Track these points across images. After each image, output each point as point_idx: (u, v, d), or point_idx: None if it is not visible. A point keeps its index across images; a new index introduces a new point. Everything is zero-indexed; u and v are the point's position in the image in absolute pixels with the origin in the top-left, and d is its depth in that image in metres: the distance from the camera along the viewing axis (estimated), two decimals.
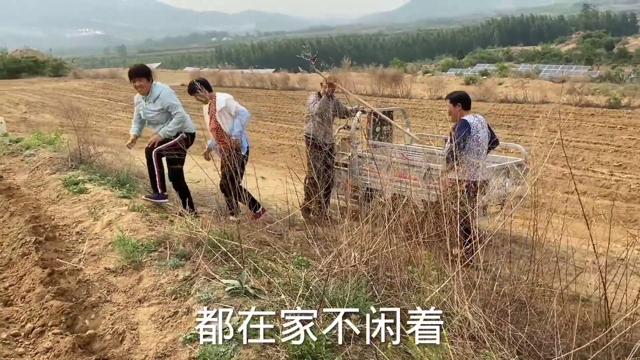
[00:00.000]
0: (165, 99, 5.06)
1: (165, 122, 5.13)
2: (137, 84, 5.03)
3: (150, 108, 5.12)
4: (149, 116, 5.17)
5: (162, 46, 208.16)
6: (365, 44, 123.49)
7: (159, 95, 5.07)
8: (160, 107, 5.08)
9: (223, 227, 3.88)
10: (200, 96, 5.42)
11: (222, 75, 31.63)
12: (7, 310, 3.23)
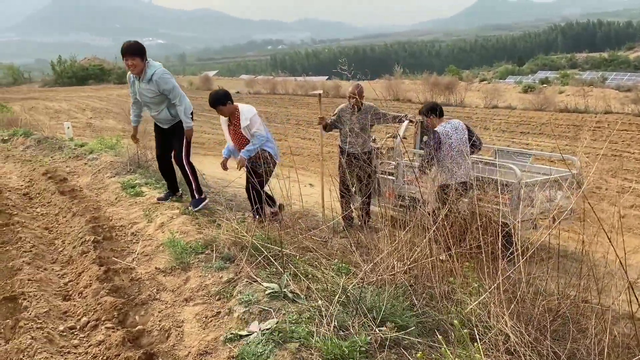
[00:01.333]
0: (160, 84, 4.77)
1: (163, 105, 4.93)
2: (130, 62, 4.69)
3: (144, 88, 4.85)
4: (144, 98, 4.93)
5: (220, 54, 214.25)
6: (421, 50, 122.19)
7: (151, 77, 4.77)
8: (156, 91, 4.82)
9: (267, 232, 3.99)
10: (226, 110, 5.18)
11: (275, 82, 32.21)
12: (65, 304, 3.47)
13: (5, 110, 16.67)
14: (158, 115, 5.02)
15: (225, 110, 5.14)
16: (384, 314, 2.80)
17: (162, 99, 4.89)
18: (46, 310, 3.19)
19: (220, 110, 5.13)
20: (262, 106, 25.91)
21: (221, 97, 5.09)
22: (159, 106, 4.96)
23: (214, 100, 5.09)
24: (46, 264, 4.14)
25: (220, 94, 5.13)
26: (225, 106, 5.11)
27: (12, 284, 3.54)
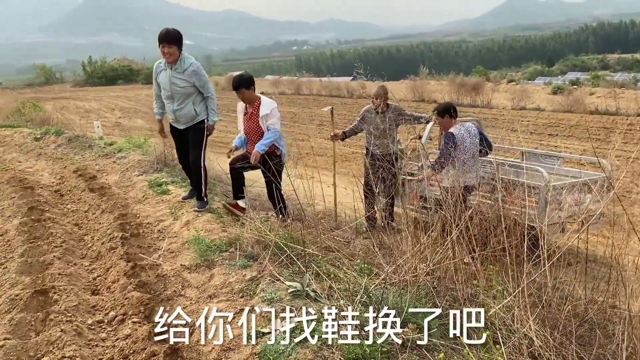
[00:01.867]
0: (196, 76, 4.69)
1: (189, 99, 4.77)
2: (167, 50, 4.57)
3: (177, 78, 4.68)
4: (174, 88, 4.72)
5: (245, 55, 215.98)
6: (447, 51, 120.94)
7: (188, 68, 4.66)
8: (189, 82, 4.70)
9: (290, 232, 4.02)
10: (247, 96, 4.98)
11: (300, 83, 32.35)
12: (94, 298, 3.56)
13: (37, 109, 17.13)
14: (180, 110, 4.80)
15: (247, 96, 4.96)
16: (406, 315, 2.80)
17: (192, 92, 4.75)
18: (75, 304, 3.28)
19: (242, 94, 4.94)
20: (287, 106, 26.07)
21: (247, 80, 4.94)
22: (185, 100, 4.76)
23: (240, 82, 4.89)
24: (76, 259, 4.25)
25: (246, 77, 4.98)
26: (249, 91, 4.94)
27: (43, 278, 3.65)
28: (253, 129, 5.09)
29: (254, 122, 5.06)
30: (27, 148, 10.01)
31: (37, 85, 45.69)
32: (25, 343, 2.80)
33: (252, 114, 5.04)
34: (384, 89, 6.31)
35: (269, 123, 4.94)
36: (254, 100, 5.02)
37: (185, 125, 4.91)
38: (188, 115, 4.84)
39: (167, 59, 4.62)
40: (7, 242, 4.76)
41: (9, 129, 11.96)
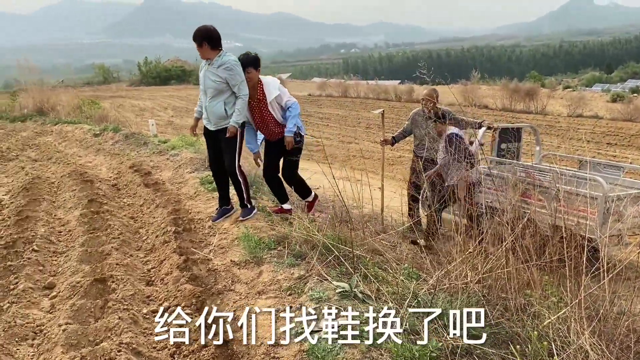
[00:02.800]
0: (233, 74, 4.42)
1: (221, 97, 4.50)
2: (197, 49, 4.50)
3: (212, 72, 4.48)
4: (207, 82, 4.53)
5: (293, 57, 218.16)
6: (500, 55, 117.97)
7: (224, 63, 4.45)
8: (222, 78, 4.45)
9: (338, 233, 4.04)
10: (253, 77, 4.59)
11: (347, 86, 32.38)
12: (148, 289, 3.69)
13: (96, 107, 17.89)
14: (212, 107, 4.53)
15: (254, 77, 4.58)
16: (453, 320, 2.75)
17: (224, 89, 4.47)
18: (132, 294, 3.41)
19: (250, 73, 4.53)
20: (334, 109, 26.14)
21: (253, 59, 4.61)
22: (217, 97, 4.50)
23: (247, 61, 4.55)
24: (132, 250, 4.42)
25: (252, 56, 4.66)
26: (257, 71, 4.61)
27: (102, 267, 3.82)
28: (263, 118, 4.69)
29: (263, 110, 4.66)
30: (87, 143, 10.49)
31: (96, 84, 47.66)
32: (86, 328, 2.94)
33: (259, 100, 4.64)
34: (435, 91, 6.23)
35: (286, 100, 4.63)
36: (256, 84, 4.62)
37: (215, 126, 4.61)
38: (217, 113, 4.54)
39: (202, 57, 4.55)
40: (68, 232, 5.00)
41: (70, 125, 12.56)
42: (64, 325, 2.99)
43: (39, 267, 4.07)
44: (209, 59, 4.49)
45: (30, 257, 4.20)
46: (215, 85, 4.48)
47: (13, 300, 3.44)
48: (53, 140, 11.20)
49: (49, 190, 6.68)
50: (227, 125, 4.49)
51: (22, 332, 3.08)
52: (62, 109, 15.11)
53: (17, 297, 3.48)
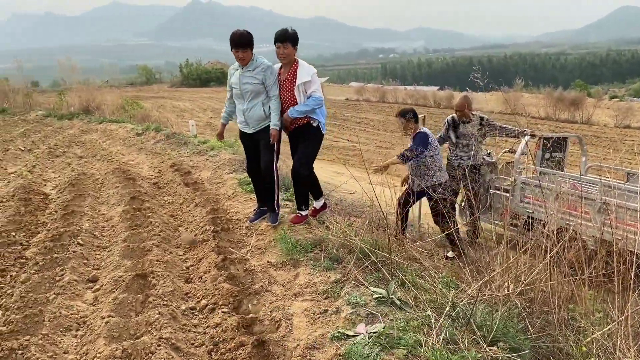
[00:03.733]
0: (266, 74, 4.42)
1: (259, 98, 4.48)
2: (241, 55, 4.38)
3: (247, 76, 4.45)
4: (244, 87, 4.46)
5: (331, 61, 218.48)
6: (544, 63, 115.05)
7: (259, 65, 4.45)
8: (259, 80, 4.43)
9: (375, 238, 4.02)
10: (289, 53, 4.40)
11: (385, 91, 32.19)
12: (187, 286, 3.76)
13: (138, 107, 18.38)
14: (250, 110, 4.51)
15: (290, 53, 4.38)
16: (495, 333, 2.69)
17: (261, 90, 4.46)
18: (171, 290, 3.48)
19: (287, 48, 4.35)
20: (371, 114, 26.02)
21: (293, 35, 4.38)
22: (255, 99, 4.48)
23: (286, 35, 4.33)
24: (171, 247, 4.51)
25: (292, 31, 4.40)
26: (294, 49, 4.40)
27: (143, 263, 3.91)
28: (285, 99, 4.50)
29: (287, 91, 4.47)
30: (129, 142, 10.78)
31: (139, 85, 48.99)
32: (127, 321, 3.02)
33: (287, 80, 4.47)
34: (467, 99, 6.15)
35: (312, 91, 4.39)
36: (291, 63, 4.47)
37: (254, 128, 4.58)
38: (257, 115, 4.52)
39: (241, 62, 4.44)
40: (111, 227, 5.15)
41: (114, 124, 12.93)
42: (106, 318, 3.08)
43: (84, 261, 4.20)
44: (244, 64, 4.45)
45: (75, 251, 4.34)
46: (252, 88, 4.46)
47: (58, 291, 3.56)
48: (98, 138, 11.56)
49: (93, 186, 6.90)
50: (266, 125, 4.52)
51: (66, 323, 3.18)
52: (106, 108, 15.58)
53: (62, 288, 3.60)
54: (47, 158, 9.30)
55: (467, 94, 6.42)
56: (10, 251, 4.46)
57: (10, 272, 4.06)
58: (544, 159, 6.65)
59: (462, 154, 6.15)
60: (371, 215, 5.76)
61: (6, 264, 4.19)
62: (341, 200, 7.36)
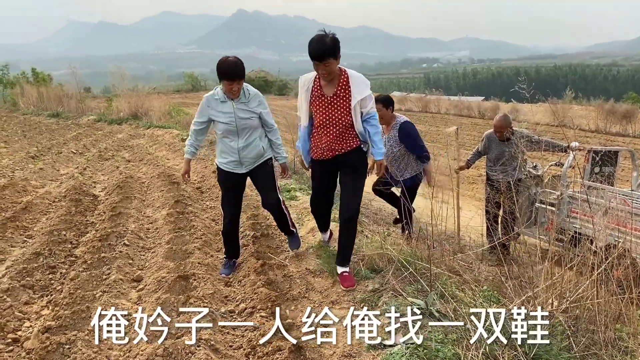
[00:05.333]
0: (261, 102, 3.89)
1: (256, 133, 3.90)
2: (236, 87, 3.73)
3: (241, 109, 3.80)
4: (240, 123, 3.80)
5: (374, 71, 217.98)
6: (595, 74, 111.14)
7: (253, 97, 3.86)
8: (254, 111, 3.85)
9: (414, 249, 3.98)
10: (333, 70, 3.42)
11: (428, 100, 31.85)
12: (226, 289, 3.83)
13: (183, 113, 18.88)
14: (247, 148, 3.89)
15: (334, 69, 3.41)
16: (537, 350, 2.62)
17: (257, 125, 3.90)
18: (211, 292, 3.56)
19: (328, 66, 3.35)
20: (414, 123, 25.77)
21: (332, 46, 3.32)
22: (252, 133, 3.89)
23: (324, 51, 3.30)
24: (212, 251, 4.61)
25: (330, 40, 3.32)
26: (337, 61, 3.39)
27: (185, 265, 4.01)
28: (336, 120, 3.55)
29: (339, 110, 3.54)
30: (174, 147, 11.08)
31: (184, 91, 50.28)
32: (169, 321, 3.10)
33: (338, 97, 3.52)
34: (506, 119, 5.97)
35: (370, 108, 3.56)
36: (336, 77, 3.51)
37: (248, 167, 3.99)
38: (255, 153, 3.94)
39: (233, 95, 3.77)
40: (156, 229, 5.31)
41: (160, 129, 13.34)
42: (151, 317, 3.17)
43: (129, 261, 4.35)
44: (236, 96, 3.80)
45: (121, 251, 4.50)
46: (252, 123, 3.86)
47: (105, 289, 3.70)
48: (145, 142, 11.94)
49: (139, 189, 7.13)
50: (261, 162, 4.00)
51: None
52: (154, 114, 16.10)
53: (108, 287, 3.74)
54: (97, 161, 9.68)
55: (507, 114, 6.28)
56: (61, 249, 4.66)
57: (60, 269, 4.25)
58: (593, 173, 6.43)
59: (501, 169, 6.02)
60: (410, 226, 5.72)
61: (57, 261, 4.38)
62: (380, 209, 7.33)
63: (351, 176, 3.66)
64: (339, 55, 3.39)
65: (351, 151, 3.63)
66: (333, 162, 3.69)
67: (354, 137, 3.61)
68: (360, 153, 3.68)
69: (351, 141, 3.61)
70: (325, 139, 3.62)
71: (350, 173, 3.67)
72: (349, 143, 3.61)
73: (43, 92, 18.99)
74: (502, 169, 5.99)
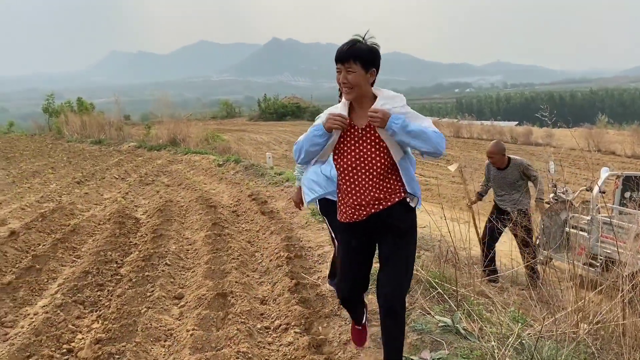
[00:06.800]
0: None
1: None
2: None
3: None
4: None
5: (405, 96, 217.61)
6: (633, 99, 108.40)
7: None
8: None
9: (442, 271, 4.11)
10: (351, 69, 2.45)
11: (460, 126, 31.78)
12: (262, 307, 4.03)
13: (219, 139, 19.46)
14: None
15: (358, 79, 2.45)
16: None
17: None
18: (248, 309, 3.76)
19: (351, 72, 2.44)
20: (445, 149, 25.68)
21: (369, 52, 2.46)
22: None
23: (353, 50, 2.43)
24: (248, 271, 4.83)
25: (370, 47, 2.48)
26: (368, 74, 2.47)
27: (223, 284, 4.24)
28: (366, 160, 2.49)
29: (370, 147, 2.49)
30: (211, 172, 11.50)
31: (220, 118, 51.54)
32: (209, 335, 3.32)
33: (367, 131, 2.49)
34: (498, 146, 5.99)
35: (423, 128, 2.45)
36: (368, 101, 2.52)
37: None
38: None
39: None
40: (195, 250, 5.58)
41: (198, 155, 13.83)
42: (191, 331, 3.40)
43: (171, 279, 4.62)
44: None
45: (163, 270, 4.77)
46: None
47: (149, 305, 3.95)
48: (183, 168, 12.41)
49: (178, 212, 7.47)
50: None
51: (156, 334, 3.53)
52: (191, 140, 16.68)
53: (152, 303, 3.99)
54: (138, 186, 10.14)
55: (500, 140, 6.28)
56: (107, 268, 4.98)
57: (107, 287, 4.55)
58: (624, 198, 6.42)
59: (504, 199, 6.03)
60: (440, 249, 5.83)
61: (104, 279, 4.69)
62: (422, 236, 7.42)
63: (397, 245, 2.52)
64: (372, 68, 2.47)
65: (391, 208, 2.50)
66: (367, 225, 2.54)
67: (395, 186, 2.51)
68: (402, 209, 2.51)
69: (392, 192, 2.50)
70: (355, 191, 2.50)
71: (392, 239, 2.52)
72: (380, 197, 2.48)
73: (86, 120, 19.91)
74: (503, 198, 5.99)
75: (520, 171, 5.84)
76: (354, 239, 2.60)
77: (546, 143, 23.32)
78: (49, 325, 3.64)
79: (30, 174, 11.34)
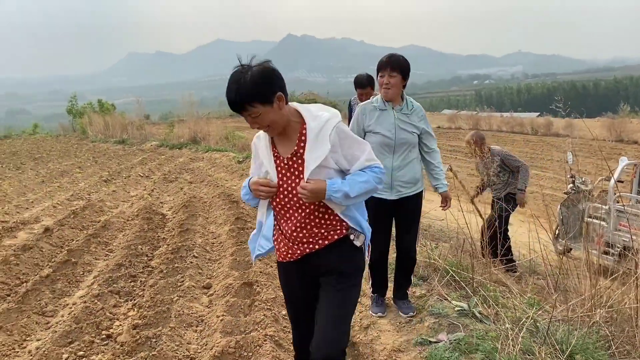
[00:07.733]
0: (424, 117, 3.41)
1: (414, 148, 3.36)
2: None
3: (404, 121, 3.30)
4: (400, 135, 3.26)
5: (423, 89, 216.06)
6: None
7: (416, 108, 3.38)
8: (418, 124, 3.36)
9: (459, 260, 4.25)
10: (251, 113, 2.11)
11: (479, 118, 31.53)
12: None
13: (238, 137, 19.75)
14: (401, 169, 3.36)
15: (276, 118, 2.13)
16: (574, 348, 2.83)
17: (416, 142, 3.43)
18: (273, 297, 3.96)
19: (254, 115, 2.11)
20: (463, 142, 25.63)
21: (259, 84, 2.09)
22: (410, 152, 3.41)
23: (239, 94, 2.07)
24: (271, 262, 5.03)
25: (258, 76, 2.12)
26: (272, 105, 2.11)
27: (249, 274, 4.45)
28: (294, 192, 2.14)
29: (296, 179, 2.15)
30: (232, 169, 11.75)
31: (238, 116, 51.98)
32: (238, 320, 3.52)
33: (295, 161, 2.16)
34: (475, 135, 6.08)
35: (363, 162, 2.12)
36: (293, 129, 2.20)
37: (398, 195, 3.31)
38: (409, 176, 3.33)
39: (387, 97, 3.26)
40: (220, 243, 5.81)
41: (218, 153, 14.11)
42: (221, 317, 3.61)
43: (199, 270, 4.84)
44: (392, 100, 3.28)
45: (192, 262, 5.00)
46: (411, 139, 3.30)
47: (180, 294, 4.18)
48: (204, 165, 12.69)
49: (202, 208, 7.71)
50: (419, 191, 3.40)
51: (188, 320, 3.75)
52: (211, 138, 16.99)
53: (183, 292, 4.22)
54: (162, 183, 10.44)
55: (477, 131, 6.36)
56: (139, 261, 5.23)
57: (140, 278, 4.79)
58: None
59: (494, 188, 6.13)
60: (458, 240, 5.95)
61: (137, 271, 4.94)
62: (430, 226, 7.55)
63: (333, 289, 2.15)
64: (273, 96, 2.09)
65: (331, 246, 2.15)
66: (304, 266, 2.22)
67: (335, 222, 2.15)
68: (350, 248, 2.17)
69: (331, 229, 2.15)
70: (287, 227, 2.19)
71: (331, 284, 2.16)
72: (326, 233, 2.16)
73: (109, 121, 20.38)
74: (495, 187, 6.08)
75: (499, 160, 5.91)
76: (293, 280, 2.27)
77: (567, 134, 23.07)
78: (88, 314, 3.88)
79: (58, 173, 11.74)
